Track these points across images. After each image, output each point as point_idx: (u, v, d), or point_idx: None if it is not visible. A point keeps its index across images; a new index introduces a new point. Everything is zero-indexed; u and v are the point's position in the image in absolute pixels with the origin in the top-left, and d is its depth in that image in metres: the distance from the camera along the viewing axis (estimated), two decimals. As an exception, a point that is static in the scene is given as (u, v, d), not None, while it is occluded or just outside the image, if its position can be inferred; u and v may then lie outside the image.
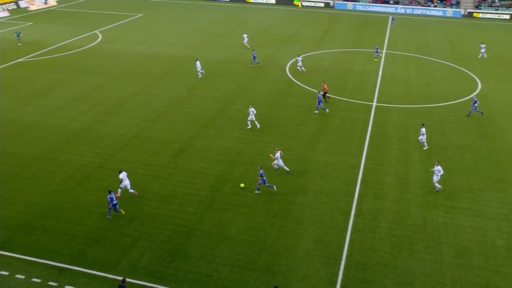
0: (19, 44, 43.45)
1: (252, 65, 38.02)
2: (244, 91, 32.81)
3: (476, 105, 28.42)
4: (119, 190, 20.13)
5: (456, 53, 43.57)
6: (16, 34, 43.90)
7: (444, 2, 64.02)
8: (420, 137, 24.92)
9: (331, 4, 65.98)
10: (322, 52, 42.86)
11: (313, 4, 66.62)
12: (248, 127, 27.04)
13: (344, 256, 17.18)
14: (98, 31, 49.78)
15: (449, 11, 62.11)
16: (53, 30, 49.77)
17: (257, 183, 20.67)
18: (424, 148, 24.88)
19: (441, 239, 18.13)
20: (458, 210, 19.89)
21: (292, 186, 21.32)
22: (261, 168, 20.60)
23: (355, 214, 19.47)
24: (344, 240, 17.98)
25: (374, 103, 30.89)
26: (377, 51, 41.08)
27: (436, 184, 20.85)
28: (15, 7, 61.28)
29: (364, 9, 64.58)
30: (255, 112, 27.12)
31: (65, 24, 52.82)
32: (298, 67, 36.67)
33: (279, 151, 22.14)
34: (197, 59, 36.21)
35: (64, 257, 16.87)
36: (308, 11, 62.92)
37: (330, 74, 36.50)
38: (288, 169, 22.26)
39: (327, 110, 29.26)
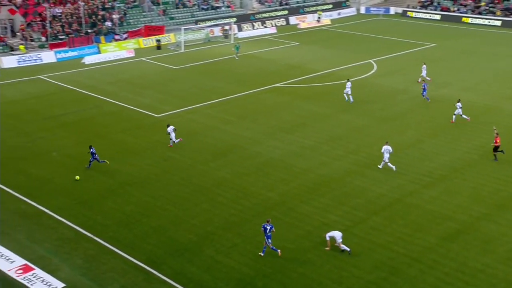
0: (237, 58, 50.63)
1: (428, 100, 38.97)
2: None
3: None
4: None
5: None
6: (235, 47, 51.22)
7: None
8: None
9: None
10: None
11: None
12: None
13: None
14: (374, 60, 52.30)
15: None
16: (321, 54, 55.04)
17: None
18: None
19: None
20: None
21: None
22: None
23: None
24: None
25: None
26: None
27: None
28: (284, 23, 71.20)
29: None
30: None
31: (335, 48, 57.75)
32: None
33: None
34: None
35: None
36: None
37: None
38: None
39: None
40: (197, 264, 20.74)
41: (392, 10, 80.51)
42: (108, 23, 57.12)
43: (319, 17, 73.17)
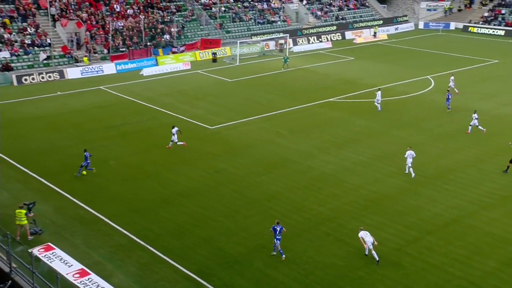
0: (282, 69, 52.77)
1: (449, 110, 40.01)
2: None
3: None
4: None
5: None
6: (283, 59, 53.39)
7: None
8: None
9: None
10: None
11: None
12: None
13: None
14: (431, 76, 51.26)
15: None
16: (376, 69, 54.45)
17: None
18: None
19: None
20: None
21: None
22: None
23: None
24: None
25: None
26: None
27: None
28: (339, 38, 70.94)
29: None
30: None
31: (391, 63, 57.02)
32: None
33: None
34: None
35: None
36: None
37: None
38: None
39: None
40: (246, 277, 20.82)
41: (453, 26, 78.83)
42: (167, 36, 58.65)
43: (375, 32, 72.48)
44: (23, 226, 22.49)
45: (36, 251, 20.02)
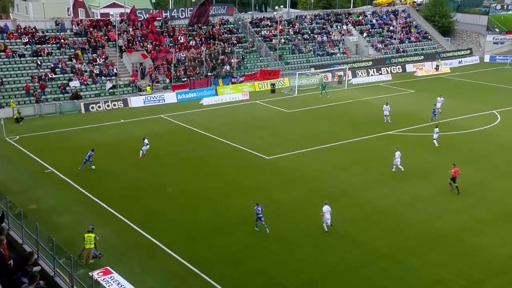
0: (320, 95, 54.57)
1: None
2: None
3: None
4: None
5: None
6: (322, 87, 54.99)
7: None
8: None
9: None
10: None
11: None
12: None
13: None
14: (498, 111, 49.53)
15: None
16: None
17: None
18: None
19: None
20: None
21: None
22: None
23: None
24: None
25: None
26: None
27: None
28: (400, 70, 70.01)
29: None
30: None
31: (454, 97, 55.44)
32: None
33: None
34: None
35: None
36: None
37: None
38: None
39: None
40: (300, 310, 20.36)
41: (522, 59, 76.20)
42: (227, 67, 59.83)
43: (437, 65, 71.09)
44: (89, 249, 23.04)
45: (96, 274, 20.43)
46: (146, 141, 36.39)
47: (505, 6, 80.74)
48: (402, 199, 30.18)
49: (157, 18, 61.55)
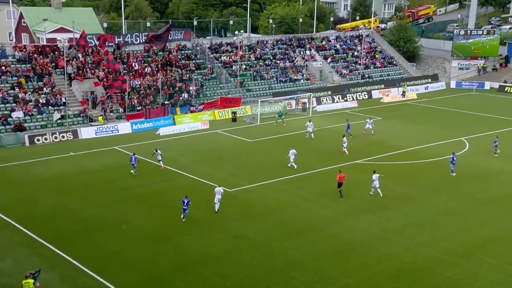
0: (275, 124, 56.04)
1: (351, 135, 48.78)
2: None
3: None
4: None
5: None
6: (279, 115, 56.78)
7: None
8: None
9: None
10: None
11: None
12: None
13: None
14: (465, 138, 51.07)
15: None
16: (405, 130, 54.52)
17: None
18: None
19: None
20: None
21: None
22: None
23: None
24: None
25: None
26: None
27: None
28: (366, 97, 71.60)
29: None
30: None
31: (421, 124, 57.04)
32: None
33: None
34: None
35: None
36: None
37: None
38: None
39: None
40: None
41: (487, 85, 79.11)
42: (185, 95, 59.90)
43: (404, 91, 73.09)
44: (30, 297, 22.23)
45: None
46: (159, 151, 41.05)
47: (468, 31, 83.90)
48: (372, 232, 30.51)
49: (109, 43, 61.20)
